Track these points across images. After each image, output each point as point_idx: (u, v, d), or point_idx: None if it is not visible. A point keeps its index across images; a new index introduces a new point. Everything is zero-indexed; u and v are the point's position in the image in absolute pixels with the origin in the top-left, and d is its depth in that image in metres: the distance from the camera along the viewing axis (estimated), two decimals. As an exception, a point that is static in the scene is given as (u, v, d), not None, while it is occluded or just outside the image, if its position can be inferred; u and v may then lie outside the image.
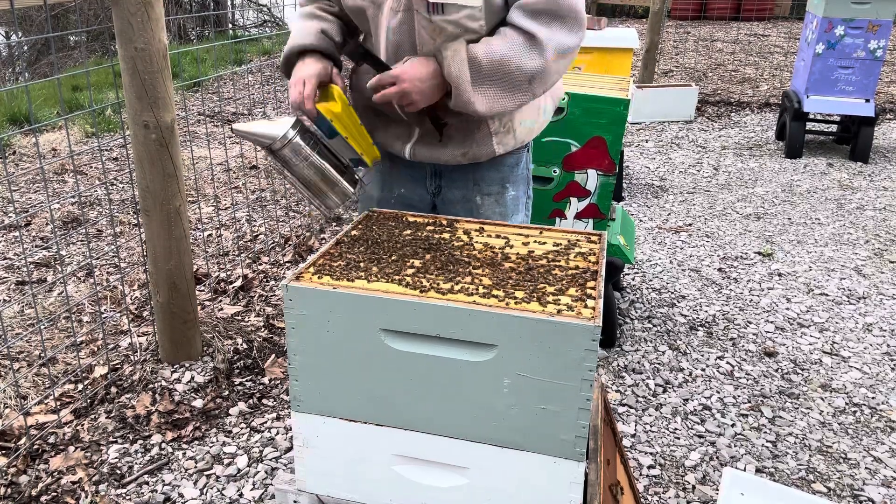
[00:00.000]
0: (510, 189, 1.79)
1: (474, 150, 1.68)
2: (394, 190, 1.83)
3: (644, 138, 5.95)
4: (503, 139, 1.69)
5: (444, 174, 1.77)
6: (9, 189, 2.94)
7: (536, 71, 1.51)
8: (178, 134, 2.42)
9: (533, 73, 1.51)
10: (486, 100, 1.51)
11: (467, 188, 1.76)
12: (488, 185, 1.76)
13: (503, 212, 1.79)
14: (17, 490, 2.05)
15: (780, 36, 10.26)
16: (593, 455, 1.35)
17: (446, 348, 1.21)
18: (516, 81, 1.52)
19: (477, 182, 1.76)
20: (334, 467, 1.35)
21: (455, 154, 1.68)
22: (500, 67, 1.49)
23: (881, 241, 3.96)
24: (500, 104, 1.53)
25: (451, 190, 1.78)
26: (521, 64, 1.50)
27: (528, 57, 1.50)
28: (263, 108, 6.34)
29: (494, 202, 1.78)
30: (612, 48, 4.29)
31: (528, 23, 1.49)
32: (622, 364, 2.75)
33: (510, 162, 1.78)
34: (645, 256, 3.73)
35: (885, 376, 2.71)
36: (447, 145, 1.68)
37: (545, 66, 1.51)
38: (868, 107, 5.18)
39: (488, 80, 1.50)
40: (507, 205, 1.79)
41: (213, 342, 2.70)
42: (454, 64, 1.48)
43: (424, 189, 1.81)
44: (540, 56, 1.50)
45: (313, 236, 3.85)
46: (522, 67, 1.50)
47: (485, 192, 1.76)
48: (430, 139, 1.68)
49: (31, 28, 9.15)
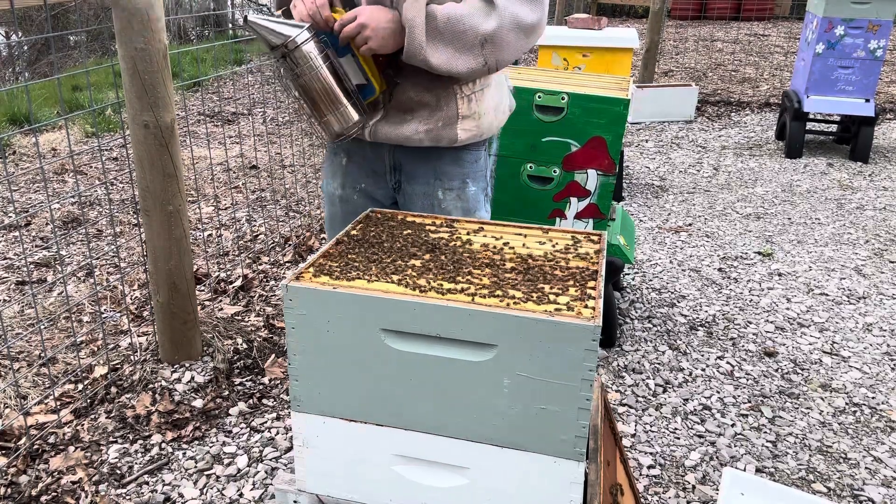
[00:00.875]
0: (470, 184, 1.80)
1: (438, 131, 1.69)
2: (356, 185, 1.84)
3: (644, 138, 5.95)
4: (467, 125, 1.71)
5: (403, 168, 1.78)
6: (9, 189, 2.94)
7: (489, 34, 1.56)
8: (178, 134, 2.42)
9: (485, 35, 1.56)
10: (438, 55, 1.55)
11: (428, 183, 1.77)
12: (450, 179, 1.77)
13: (465, 207, 1.80)
14: (17, 490, 2.05)
15: (780, 36, 10.26)
16: (593, 455, 1.35)
17: (446, 348, 1.21)
18: (468, 42, 1.56)
19: (439, 177, 1.77)
20: (334, 467, 1.35)
21: (418, 130, 1.68)
22: (455, 25, 1.54)
23: (881, 241, 3.96)
24: (450, 63, 1.57)
25: (411, 185, 1.79)
26: (474, 24, 1.55)
27: (483, 19, 1.55)
28: (264, 109, 6.34)
29: (456, 197, 1.79)
30: (612, 48, 4.29)
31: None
32: (622, 364, 2.75)
33: (470, 158, 1.79)
34: (645, 256, 3.73)
35: (885, 376, 2.71)
36: (410, 121, 1.68)
37: (498, 32, 1.57)
38: (868, 107, 5.18)
39: (440, 36, 1.54)
40: (469, 200, 1.80)
41: (213, 342, 2.70)
42: (412, 9, 1.52)
43: (385, 183, 1.82)
44: (495, 21, 1.56)
45: (313, 236, 3.85)
46: (476, 28, 1.55)
47: (446, 187, 1.78)
48: (392, 116, 1.69)
49: (31, 28, 9.14)
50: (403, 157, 1.77)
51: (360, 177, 1.83)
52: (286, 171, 4.78)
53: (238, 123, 6.01)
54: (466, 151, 1.78)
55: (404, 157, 1.77)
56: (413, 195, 1.79)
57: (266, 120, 6.03)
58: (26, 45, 9.36)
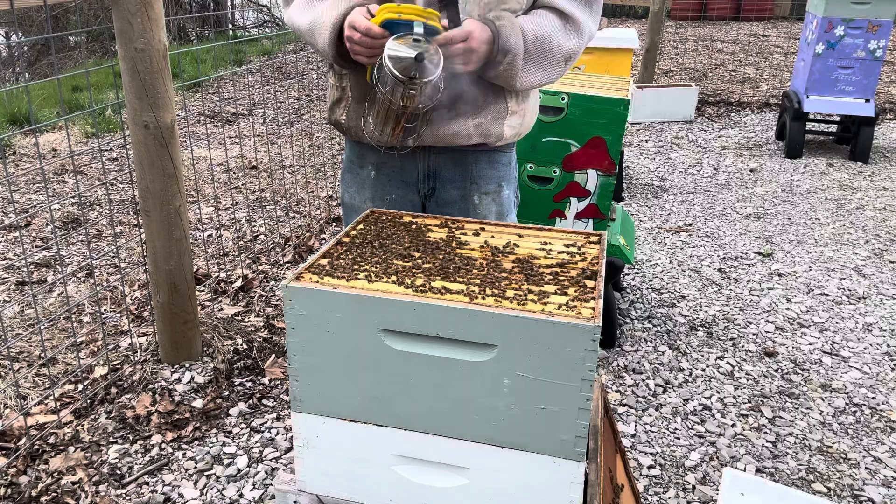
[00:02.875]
0: (505, 188, 1.78)
1: (487, 125, 1.64)
2: (386, 197, 1.78)
3: (644, 138, 5.95)
4: (513, 121, 1.68)
5: (438, 174, 1.73)
6: (9, 189, 2.94)
7: (573, 51, 1.57)
8: (178, 134, 2.42)
9: (570, 53, 1.57)
10: (527, 77, 1.55)
11: (465, 188, 1.74)
12: (486, 182, 1.74)
13: (500, 211, 1.78)
14: (17, 490, 2.05)
15: (780, 36, 10.26)
16: (593, 455, 1.35)
17: (446, 348, 1.20)
18: (554, 60, 1.56)
19: (475, 180, 1.73)
20: (334, 467, 1.35)
21: (467, 125, 1.63)
22: (544, 45, 1.53)
23: (881, 241, 3.96)
24: (532, 80, 1.57)
25: (446, 190, 1.74)
26: (561, 43, 1.55)
27: (567, 37, 1.55)
28: (264, 109, 6.34)
29: (492, 201, 1.76)
30: (612, 48, 4.29)
31: (568, 5, 1.55)
32: (622, 364, 2.75)
33: (504, 160, 1.77)
34: (645, 256, 3.73)
35: (885, 376, 2.71)
36: (457, 117, 1.62)
37: (579, 49, 1.58)
38: (868, 107, 5.18)
39: (530, 56, 1.53)
40: (504, 204, 1.78)
41: (213, 342, 2.70)
42: (513, 36, 1.49)
43: (416, 192, 1.76)
44: (578, 38, 1.56)
45: (313, 236, 3.85)
46: (563, 47, 1.55)
47: (483, 191, 1.75)
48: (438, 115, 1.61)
49: (31, 28, 9.15)
50: (440, 161, 1.72)
51: (391, 188, 1.77)
52: (286, 172, 4.78)
53: (238, 124, 6.01)
54: (501, 153, 1.75)
55: (441, 161, 1.72)
56: (448, 201, 1.75)
57: (266, 120, 6.03)
58: (26, 46, 9.36)
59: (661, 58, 8.22)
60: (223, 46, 7.91)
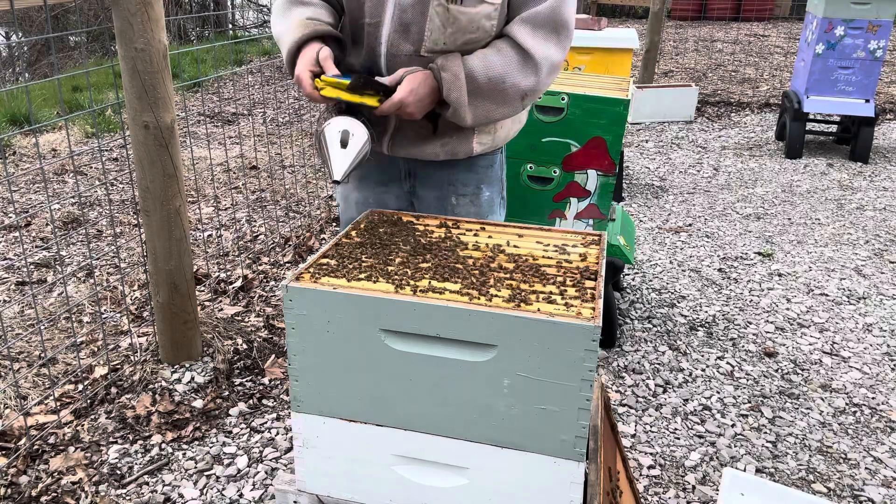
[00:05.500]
0: (485, 190, 1.79)
1: (453, 145, 1.67)
2: (373, 190, 1.82)
3: (644, 138, 5.95)
4: (483, 139, 1.70)
5: (418, 174, 1.77)
6: (9, 189, 2.94)
7: (530, 89, 1.55)
8: (178, 134, 2.42)
9: (526, 90, 1.55)
10: (477, 112, 1.54)
11: (442, 188, 1.76)
12: (464, 185, 1.76)
13: (478, 212, 1.79)
14: (17, 490, 2.05)
15: (780, 36, 10.26)
16: (593, 455, 1.35)
17: (446, 348, 1.21)
18: (509, 98, 1.55)
19: (452, 182, 1.76)
20: (334, 467, 1.35)
21: (434, 146, 1.67)
22: (497, 85, 1.52)
23: (881, 241, 3.96)
24: (487, 116, 1.57)
25: (425, 189, 1.78)
26: (516, 82, 1.53)
27: (523, 76, 1.53)
28: (264, 109, 6.34)
29: (469, 203, 1.78)
30: (612, 48, 4.29)
31: (528, 39, 1.51)
32: (622, 364, 2.75)
33: (484, 163, 1.77)
34: (645, 256, 3.73)
35: (885, 376, 2.71)
36: (426, 136, 1.66)
37: (538, 85, 1.55)
38: (868, 107, 5.18)
39: (482, 95, 1.52)
40: (483, 205, 1.80)
41: (213, 342, 2.70)
42: (454, 90, 1.50)
43: (400, 188, 1.81)
44: (535, 75, 1.53)
45: (313, 236, 3.85)
46: (518, 86, 1.53)
47: (460, 193, 1.77)
48: (407, 132, 1.67)
49: (31, 28, 9.15)
50: (417, 165, 1.76)
51: (376, 183, 1.81)
52: (286, 172, 4.78)
53: (238, 124, 6.01)
54: (481, 158, 1.76)
55: (418, 165, 1.75)
56: (427, 199, 1.79)
57: (266, 120, 6.03)
58: (26, 46, 9.36)
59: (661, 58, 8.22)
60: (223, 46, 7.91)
